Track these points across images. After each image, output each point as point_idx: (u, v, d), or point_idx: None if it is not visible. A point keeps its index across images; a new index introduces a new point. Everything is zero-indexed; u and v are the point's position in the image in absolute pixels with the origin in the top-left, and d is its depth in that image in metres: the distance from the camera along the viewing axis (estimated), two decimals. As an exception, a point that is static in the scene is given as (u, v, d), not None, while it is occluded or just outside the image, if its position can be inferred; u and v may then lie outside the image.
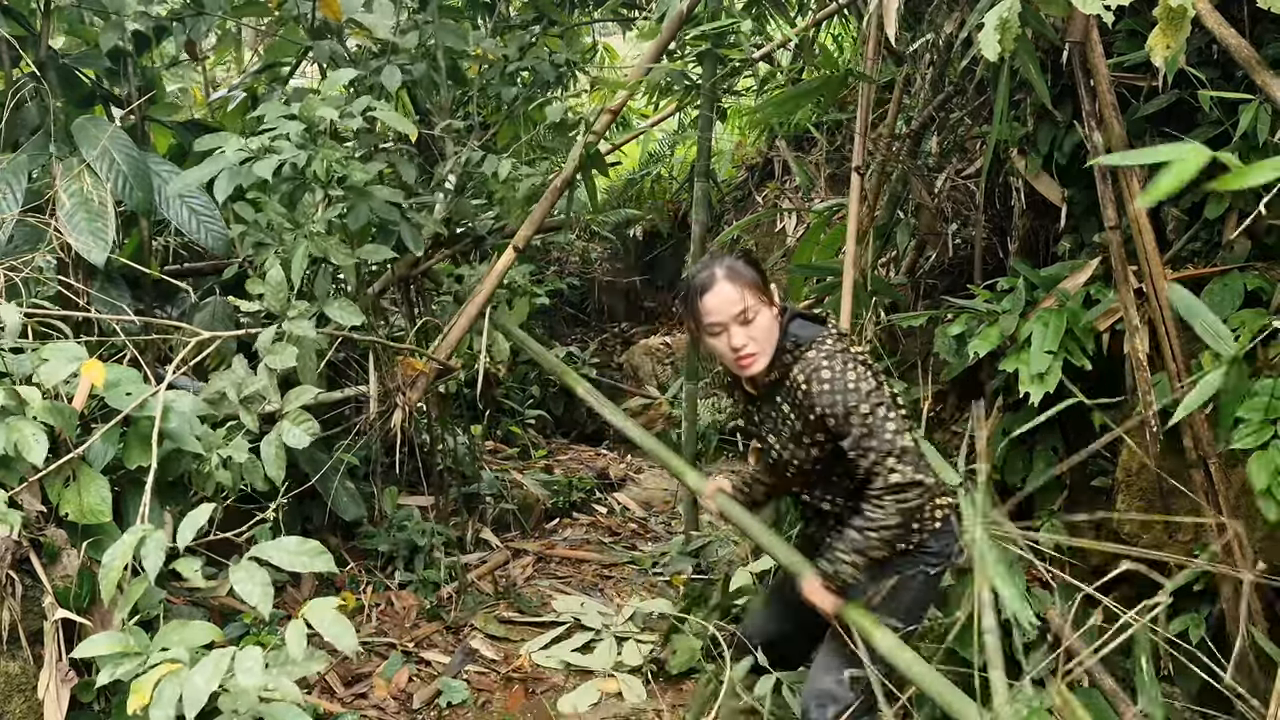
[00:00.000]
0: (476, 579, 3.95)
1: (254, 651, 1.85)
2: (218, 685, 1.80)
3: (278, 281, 2.77)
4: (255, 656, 1.84)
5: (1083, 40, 2.32)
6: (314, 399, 2.74)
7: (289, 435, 2.61)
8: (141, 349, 2.65)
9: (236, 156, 2.80)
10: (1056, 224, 3.16)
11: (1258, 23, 2.49)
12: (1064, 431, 3.03)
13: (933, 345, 3.33)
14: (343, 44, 3.67)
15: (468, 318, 3.55)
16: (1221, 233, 2.61)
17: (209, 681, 1.80)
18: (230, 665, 1.83)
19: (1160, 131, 2.79)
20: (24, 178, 3.00)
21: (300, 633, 1.90)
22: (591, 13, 4.48)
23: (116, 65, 3.40)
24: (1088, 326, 2.73)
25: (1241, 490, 2.41)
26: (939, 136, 4.05)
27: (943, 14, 3.50)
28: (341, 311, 2.91)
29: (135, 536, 1.97)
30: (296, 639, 1.89)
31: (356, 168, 2.99)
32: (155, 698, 1.80)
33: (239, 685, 1.83)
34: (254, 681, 1.80)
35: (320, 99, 2.93)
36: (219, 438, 2.53)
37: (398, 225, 3.24)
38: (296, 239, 2.90)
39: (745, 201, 6.76)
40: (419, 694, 3.11)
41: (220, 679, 1.81)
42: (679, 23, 3.49)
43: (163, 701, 1.79)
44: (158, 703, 1.79)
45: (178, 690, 1.80)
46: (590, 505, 5.11)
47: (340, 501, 3.66)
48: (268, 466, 2.60)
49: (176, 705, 1.78)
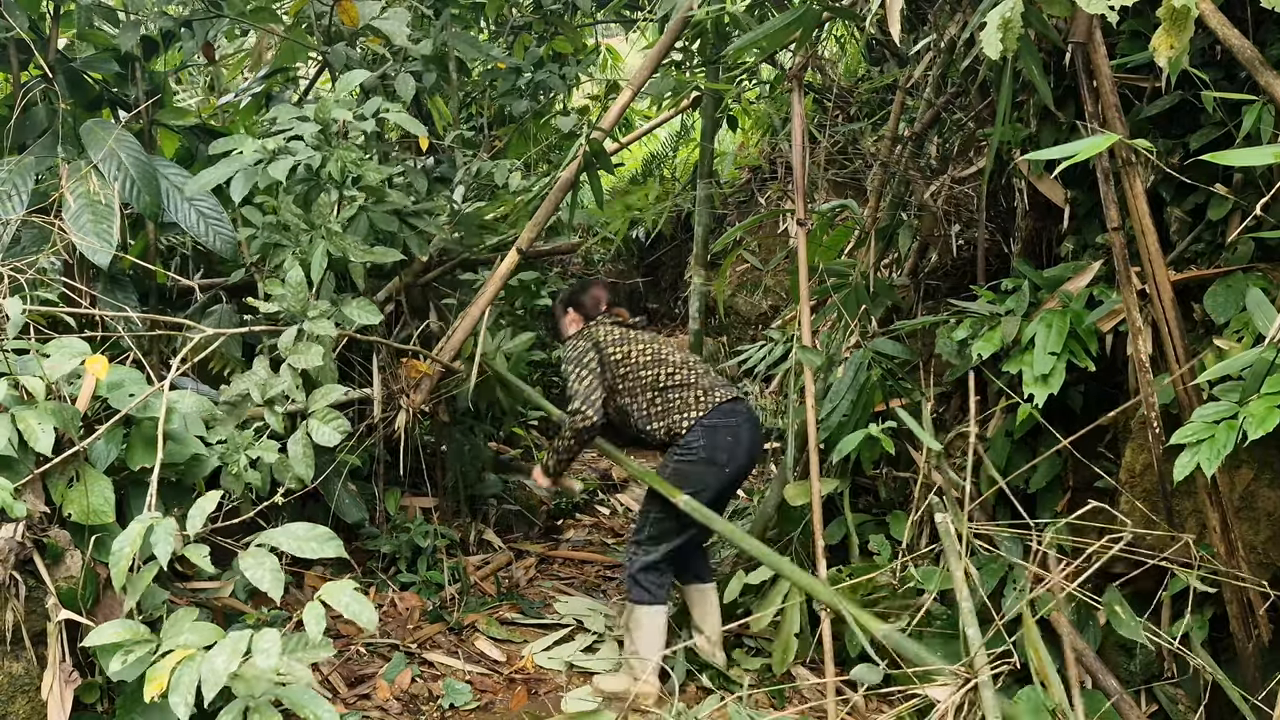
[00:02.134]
0: (479, 580, 3.96)
1: (271, 633, 1.86)
2: (235, 668, 1.81)
3: (297, 282, 2.78)
4: (273, 638, 1.85)
5: (1086, 41, 2.32)
6: (342, 394, 2.75)
7: (318, 433, 2.62)
8: (146, 351, 2.67)
9: (252, 157, 2.81)
10: (1059, 225, 3.16)
11: (1261, 23, 2.49)
12: (1067, 433, 3.02)
13: (934, 347, 3.33)
14: (354, 50, 3.69)
15: (471, 320, 3.56)
16: (1224, 234, 2.61)
17: (228, 663, 1.80)
18: (247, 648, 1.84)
19: (1164, 133, 2.78)
20: (30, 179, 3.02)
21: (318, 614, 1.91)
22: (594, 14, 4.50)
23: (125, 69, 3.42)
24: (1091, 328, 2.72)
25: (1245, 491, 2.40)
26: (941, 138, 4.05)
27: (945, 15, 3.50)
28: (360, 311, 2.92)
29: (144, 524, 1.98)
30: (315, 620, 1.90)
31: (370, 168, 3.01)
32: (173, 683, 1.80)
33: (255, 669, 1.83)
34: (271, 663, 1.80)
35: (334, 100, 2.95)
36: (247, 438, 2.53)
37: (400, 234, 3.27)
38: (314, 239, 2.92)
39: (748, 203, 6.77)
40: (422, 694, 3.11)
41: (238, 661, 1.81)
42: (679, 28, 3.49)
43: (181, 686, 1.80)
44: (175, 688, 1.80)
45: (196, 675, 1.80)
46: (593, 506, 5.11)
47: (342, 504, 3.67)
48: (296, 465, 2.61)
49: (194, 690, 1.78)
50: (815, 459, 3.06)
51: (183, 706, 1.79)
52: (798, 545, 3.43)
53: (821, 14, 2.92)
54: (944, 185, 3.76)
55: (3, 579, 2.06)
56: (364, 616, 1.95)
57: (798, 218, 3.16)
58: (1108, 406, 2.83)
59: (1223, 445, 2.06)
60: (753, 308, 6.55)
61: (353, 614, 1.94)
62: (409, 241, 3.33)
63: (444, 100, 3.79)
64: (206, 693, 1.78)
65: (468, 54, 3.72)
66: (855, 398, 3.37)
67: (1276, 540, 2.39)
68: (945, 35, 3.40)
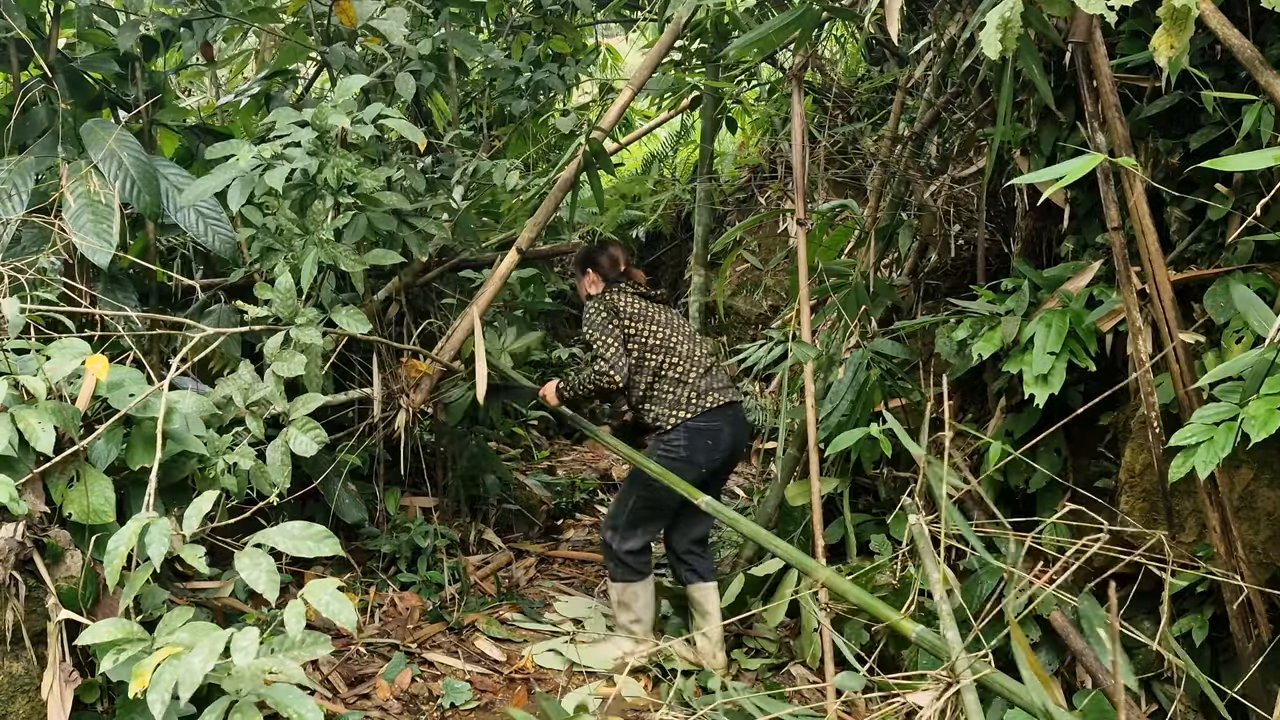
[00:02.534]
0: (479, 580, 3.96)
1: (250, 632, 1.85)
2: (214, 666, 1.80)
3: (287, 288, 2.78)
4: (251, 637, 1.84)
5: (1085, 41, 2.32)
6: (323, 403, 2.74)
7: (296, 442, 2.61)
8: (146, 350, 2.66)
9: (249, 164, 2.81)
10: (1059, 225, 3.16)
11: (1261, 23, 2.49)
12: (1067, 433, 3.02)
13: (934, 347, 3.33)
14: (354, 50, 3.69)
15: (470, 320, 3.56)
16: (1224, 234, 2.61)
17: (204, 663, 1.79)
18: (226, 647, 1.83)
19: (1163, 132, 2.78)
20: (30, 179, 3.02)
21: (299, 613, 1.90)
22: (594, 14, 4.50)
23: (125, 69, 3.42)
24: (1091, 327, 2.72)
25: (1244, 491, 2.40)
26: (941, 138, 4.05)
27: (945, 15, 3.50)
28: (349, 320, 2.92)
29: (139, 524, 1.98)
30: (295, 619, 1.89)
31: (366, 174, 3.00)
32: (153, 681, 1.80)
33: (239, 667, 1.83)
34: (248, 662, 1.79)
35: (332, 106, 2.94)
36: (225, 442, 2.53)
37: (399, 235, 3.26)
38: (306, 245, 2.91)
39: (748, 202, 6.77)
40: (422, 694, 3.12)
41: (216, 660, 1.81)
42: (679, 28, 3.49)
43: (160, 685, 1.79)
44: (155, 686, 1.79)
45: (176, 673, 1.80)
46: (593, 506, 5.11)
47: (341, 504, 3.67)
48: (273, 473, 2.60)
49: (174, 688, 1.78)
50: (815, 459, 3.06)
51: (159, 704, 1.78)
52: (798, 544, 3.44)
53: (821, 14, 2.93)
54: (944, 185, 3.76)
55: (3, 578, 2.06)
56: (343, 616, 1.93)
57: (797, 217, 3.16)
58: (1107, 407, 2.83)
59: (1221, 448, 2.06)
60: (753, 307, 6.55)
61: (332, 613, 1.93)
62: (408, 241, 3.33)
63: (444, 99, 3.79)
64: (183, 693, 1.76)
65: (467, 53, 3.72)
66: (855, 397, 3.37)
67: (1276, 540, 2.39)
68: (945, 35, 3.40)
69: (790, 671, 3.31)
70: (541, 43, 4.10)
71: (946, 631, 2.01)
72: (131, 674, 1.82)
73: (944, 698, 1.88)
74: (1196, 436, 2.12)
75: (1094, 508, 2.90)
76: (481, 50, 3.73)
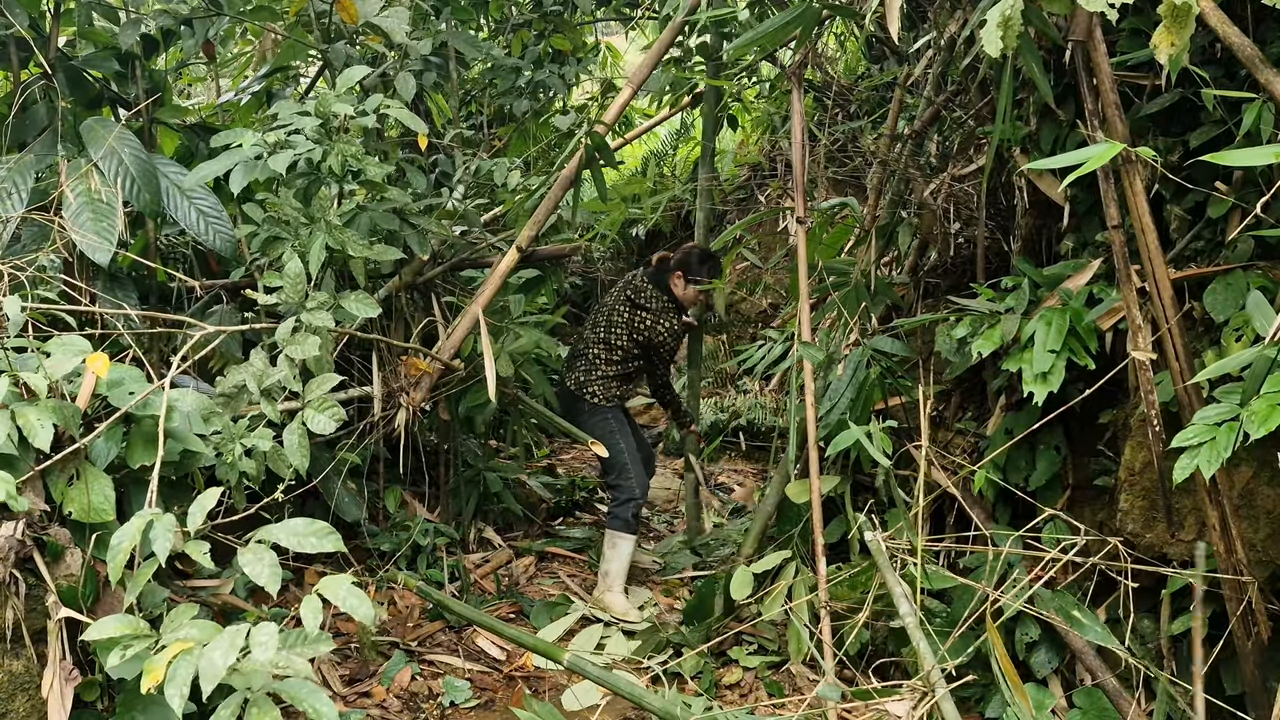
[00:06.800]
0: (479, 578, 3.96)
1: (269, 627, 1.85)
2: (233, 661, 1.80)
3: (296, 274, 2.77)
4: (271, 631, 1.84)
5: (1086, 39, 2.32)
6: (339, 381, 2.74)
7: (314, 422, 2.61)
8: (146, 348, 2.66)
9: (252, 150, 2.81)
10: (1059, 223, 3.16)
11: (1261, 21, 2.49)
12: (1067, 431, 3.02)
13: (934, 345, 3.33)
14: (355, 48, 3.68)
15: (471, 318, 3.55)
16: (1224, 231, 2.60)
17: (226, 656, 1.80)
18: (245, 641, 1.83)
19: (1164, 130, 2.78)
20: (30, 177, 3.02)
21: (315, 608, 1.90)
22: (594, 13, 4.49)
23: (125, 67, 3.42)
24: (1090, 325, 2.72)
25: (1244, 489, 2.40)
26: (941, 136, 4.05)
27: (945, 12, 3.50)
28: (358, 304, 2.91)
29: (143, 520, 1.98)
30: (311, 614, 1.89)
31: (371, 162, 3.00)
32: (169, 676, 1.80)
33: (252, 662, 1.83)
34: (269, 656, 1.80)
35: (335, 95, 2.94)
36: (241, 428, 2.53)
37: (401, 232, 3.26)
38: (314, 231, 2.91)
39: (747, 200, 6.77)
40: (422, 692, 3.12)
41: (236, 654, 1.81)
42: (679, 27, 3.49)
43: (177, 679, 1.79)
44: (171, 680, 1.79)
45: (192, 668, 1.80)
46: (593, 504, 5.11)
47: (341, 502, 3.67)
48: (291, 455, 2.60)
49: (191, 684, 1.78)
50: (815, 457, 3.06)
51: (177, 699, 1.79)
52: (798, 543, 3.44)
53: (821, 12, 2.92)
54: (944, 183, 3.76)
55: (3, 577, 2.06)
56: (361, 610, 1.95)
57: (797, 216, 3.16)
58: (1107, 404, 2.83)
59: (1223, 448, 2.06)
60: (752, 306, 6.55)
61: (350, 608, 1.94)
62: (409, 239, 3.33)
63: (444, 98, 3.78)
64: (205, 686, 1.77)
65: (468, 52, 3.71)
66: (855, 395, 3.37)
67: (1276, 538, 2.39)
68: (945, 33, 3.40)
69: (790, 670, 3.31)
70: (542, 41, 4.10)
71: (917, 644, 2.01)
72: (144, 669, 1.82)
73: (919, 709, 1.88)
74: (1198, 437, 2.11)
75: (1095, 507, 2.91)
76: (482, 49, 3.73)
